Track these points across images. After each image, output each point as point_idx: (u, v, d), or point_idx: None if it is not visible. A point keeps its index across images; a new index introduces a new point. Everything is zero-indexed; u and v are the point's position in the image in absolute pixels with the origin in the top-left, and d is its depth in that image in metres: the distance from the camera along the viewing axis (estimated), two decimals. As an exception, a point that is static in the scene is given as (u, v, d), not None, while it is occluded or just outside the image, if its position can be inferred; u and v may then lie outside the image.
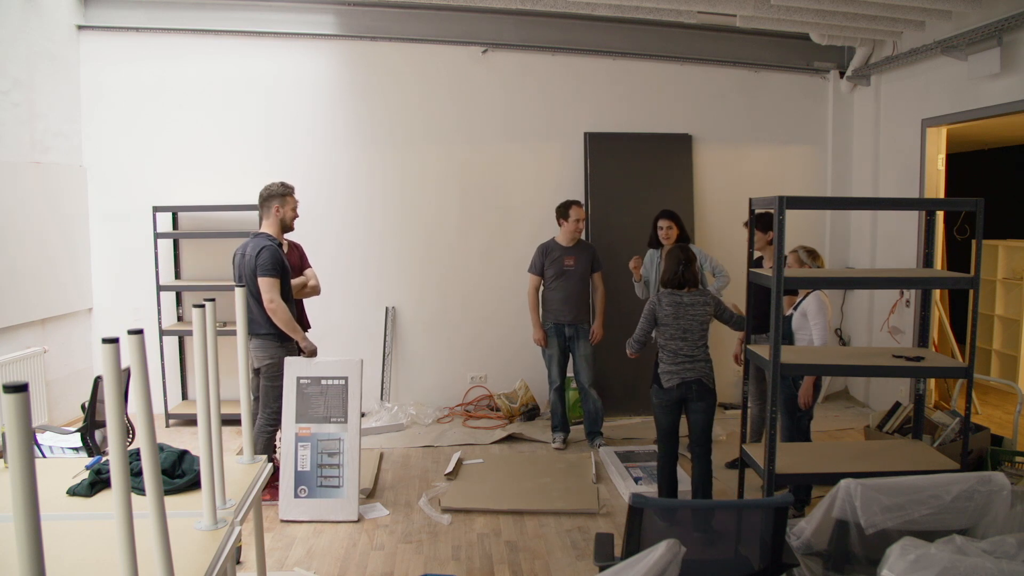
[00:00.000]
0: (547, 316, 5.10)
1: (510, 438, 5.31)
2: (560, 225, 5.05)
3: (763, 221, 4.36)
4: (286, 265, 4.00)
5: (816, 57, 6.15)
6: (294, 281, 4.20)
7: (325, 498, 3.89)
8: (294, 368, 3.93)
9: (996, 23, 4.45)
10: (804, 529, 2.52)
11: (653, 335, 3.85)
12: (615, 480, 4.46)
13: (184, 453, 2.48)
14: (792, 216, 3.21)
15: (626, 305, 5.51)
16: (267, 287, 3.86)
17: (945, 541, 2.10)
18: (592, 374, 5.10)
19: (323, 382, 3.94)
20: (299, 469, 3.90)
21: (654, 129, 6.06)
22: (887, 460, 3.43)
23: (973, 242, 3.26)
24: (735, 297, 5.58)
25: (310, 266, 4.61)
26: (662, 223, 4.96)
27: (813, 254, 4.17)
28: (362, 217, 5.81)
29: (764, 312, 3.49)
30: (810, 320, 3.99)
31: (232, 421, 4.13)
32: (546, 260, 5.04)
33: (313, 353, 4.05)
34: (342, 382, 3.94)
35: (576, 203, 5.06)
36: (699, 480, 3.81)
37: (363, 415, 5.59)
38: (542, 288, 5.13)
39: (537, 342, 5.13)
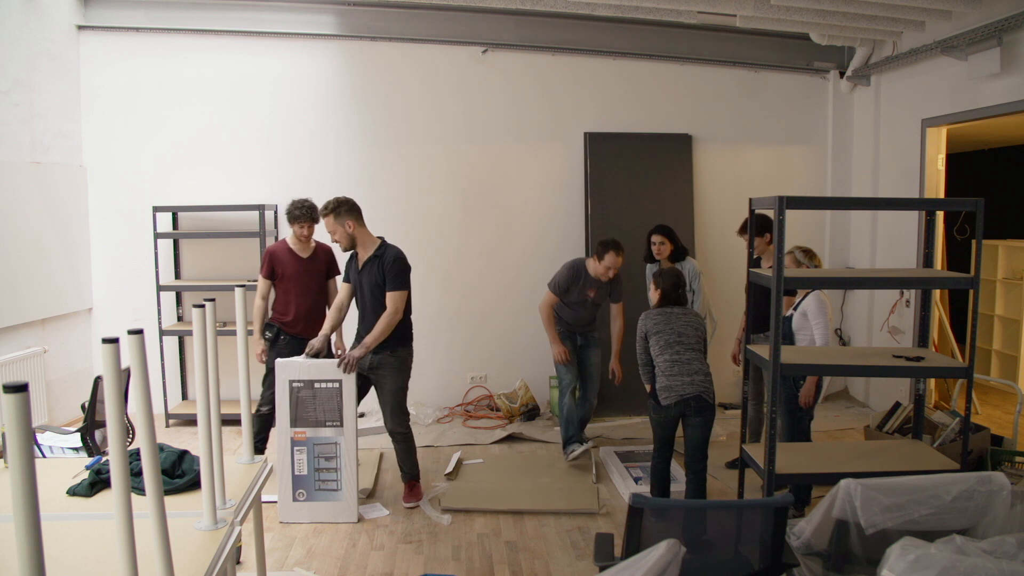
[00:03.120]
0: (557, 322, 4.83)
1: (510, 438, 5.31)
2: (594, 258, 4.64)
3: (759, 225, 4.34)
4: (273, 268, 4.47)
5: (816, 57, 6.15)
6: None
7: (324, 501, 3.89)
8: (287, 371, 3.89)
9: (996, 23, 4.45)
10: (804, 529, 2.52)
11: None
12: (615, 480, 4.46)
13: (184, 453, 2.48)
14: (792, 216, 3.21)
15: (626, 305, 5.51)
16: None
17: (945, 541, 2.09)
18: (599, 385, 4.93)
19: (316, 385, 3.88)
20: (296, 473, 3.89)
21: (654, 129, 6.06)
22: (887, 460, 3.43)
23: (973, 242, 3.26)
24: (736, 297, 5.58)
25: (338, 272, 4.65)
26: (655, 238, 4.93)
27: (809, 254, 4.17)
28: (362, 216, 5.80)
29: (764, 312, 3.49)
30: (811, 320, 3.98)
31: (232, 421, 4.15)
32: (572, 286, 4.69)
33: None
34: (336, 385, 3.89)
35: (616, 250, 4.54)
36: (692, 497, 3.73)
37: (363, 415, 5.59)
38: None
39: (559, 358, 4.69)
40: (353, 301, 4.14)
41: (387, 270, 3.96)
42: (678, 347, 3.66)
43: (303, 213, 4.42)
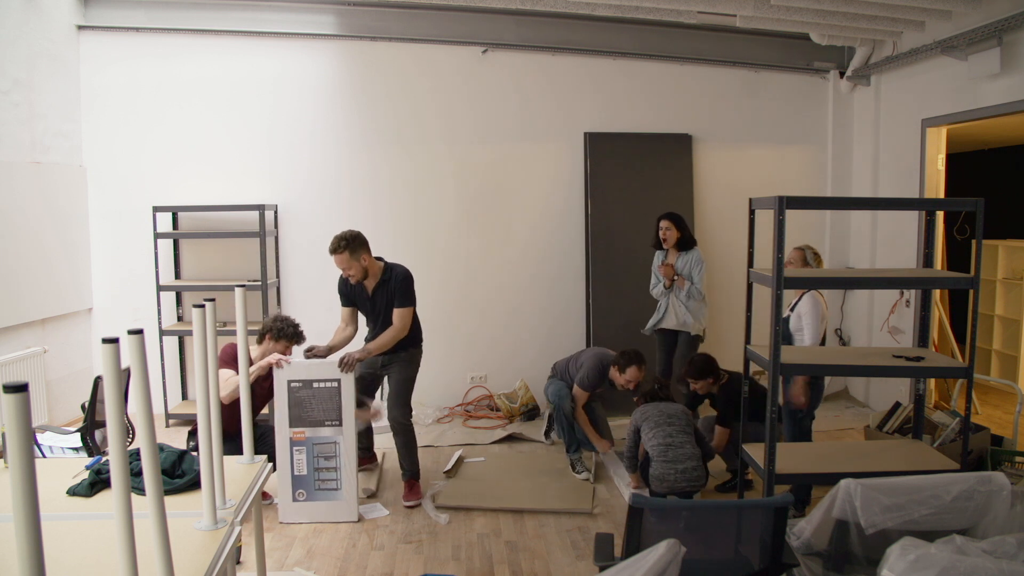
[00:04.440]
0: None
1: (510, 438, 5.31)
2: (616, 368, 4.47)
3: (698, 368, 4.21)
4: (236, 360, 3.35)
5: (816, 57, 6.15)
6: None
7: (324, 501, 3.89)
8: (285, 372, 3.90)
9: (996, 23, 4.45)
10: (804, 529, 2.52)
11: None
12: (615, 480, 4.46)
13: (184, 453, 2.48)
14: (792, 216, 3.21)
15: (626, 305, 5.51)
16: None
17: (945, 541, 2.10)
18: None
19: (315, 385, 3.90)
20: (296, 473, 3.89)
21: (654, 129, 6.06)
22: (887, 460, 3.43)
23: (973, 242, 3.26)
24: (735, 297, 5.57)
25: (270, 396, 4.07)
26: (663, 224, 4.99)
27: (818, 257, 4.20)
28: (362, 216, 5.77)
29: (749, 410, 3.75)
30: (803, 320, 4.00)
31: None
32: (600, 384, 4.59)
33: None
34: (334, 385, 3.90)
35: (639, 364, 4.39)
36: None
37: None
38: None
39: (635, 486, 4.19)
40: (359, 319, 4.22)
41: (396, 289, 4.09)
42: (669, 428, 3.81)
43: (295, 333, 4.04)
